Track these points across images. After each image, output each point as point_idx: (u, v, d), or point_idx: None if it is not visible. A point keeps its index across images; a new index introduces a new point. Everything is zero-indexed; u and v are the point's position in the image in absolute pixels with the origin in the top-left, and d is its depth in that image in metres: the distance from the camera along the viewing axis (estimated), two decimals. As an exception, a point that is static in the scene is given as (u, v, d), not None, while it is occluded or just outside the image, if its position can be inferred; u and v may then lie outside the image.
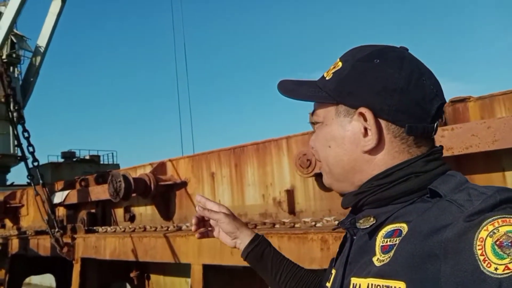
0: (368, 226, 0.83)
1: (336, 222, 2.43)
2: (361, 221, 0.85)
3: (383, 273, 0.75)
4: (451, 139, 2.08)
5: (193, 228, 1.24)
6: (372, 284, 0.76)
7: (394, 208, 0.82)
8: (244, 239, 1.22)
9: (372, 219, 0.84)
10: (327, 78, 0.91)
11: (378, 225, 0.82)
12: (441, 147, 0.90)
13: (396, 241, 0.77)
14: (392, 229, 0.81)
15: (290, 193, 2.91)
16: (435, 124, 0.86)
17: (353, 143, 0.88)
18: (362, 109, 0.85)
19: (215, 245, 2.72)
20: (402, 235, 0.77)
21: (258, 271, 1.24)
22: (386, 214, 0.82)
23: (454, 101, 2.33)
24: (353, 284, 0.81)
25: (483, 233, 0.65)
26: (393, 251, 0.76)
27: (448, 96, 2.40)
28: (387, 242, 0.80)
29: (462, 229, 0.67)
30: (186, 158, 3.69)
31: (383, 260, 0.77)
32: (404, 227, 0.78)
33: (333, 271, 0.97)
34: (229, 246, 1.25)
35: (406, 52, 0.89)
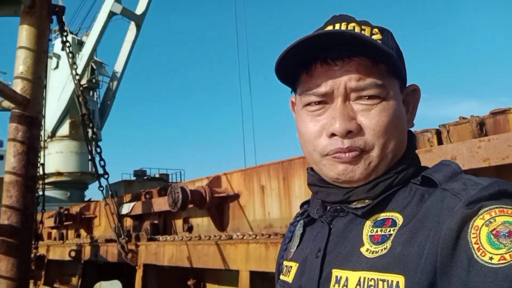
0: (365, 205, 0.78)
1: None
2: (354, 203, 0.79)
3: (378, 265, 0.70)
4: (487, 150, 2.09)
5: None
6: (365, 278, 0.71)
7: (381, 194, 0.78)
8: None
9: (367, 200, 0.78)
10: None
11: (370, 210, 0.77)
12: None
13: (390, 231, 0.73)
14: (383, 218, 0.76)
15: (334, 205, 2.99)
16: None
17: (405, 121, 0.83)
18: (416, 86, 0.86)
19: (261, 253, 2.88)
20: (398, 226, 0.73)
21: None
22: (379, 198, 0.78)
23: (494, 113, 2.33)
24: (337, 276, 0.75)
25: (478, 222, 0.64)
26: (389, 242, 0.72)
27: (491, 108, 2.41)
28: (377, 232, 0.75)
29: (462, 218, 0.65)
30: (239, 172, 3.90)
31: (376, 252, 0.72)
32: (398, 217, 0.74)
33: (292, 264, 0.89)
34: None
35: None
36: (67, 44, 4.43)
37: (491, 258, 0.60)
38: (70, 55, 4.43)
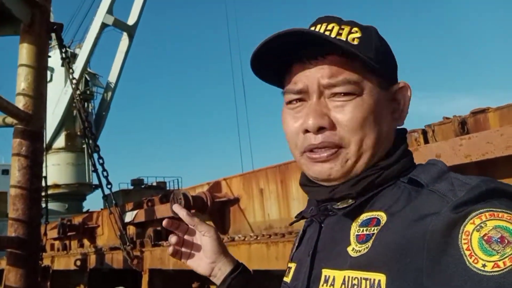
0: (346, 205, 0.77)
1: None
2: (338, 203, 0.79)
3: (360, 264, 0.70)
4: (468, 147, 2.27)
5: (173, 239, 1.06)
6: (349, 277, 0.71)
7: (371, 192, 0.78)
8: (225, 265, 1.07)
9: (350, 200, 0.78)
10: (351, 42, 0.79)
11: (355, 209, 0.77)
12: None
13: (373, 230, 0.73)
14: (369, 217, 0.76)
15: (330, 205, 3.17)
16: None
17: (391, 119, 0.83)
18: (405, 84, 0.85)
19: (262, 253, 3.03)
20: (381, 225, 0.73)
21: None
22: (364, 196, 0.77)
23: (474, 112, 2.51)
24: (326, 276, 0.76)
25: (469, 227, 0.62)
26: (371, 241, 0.72)
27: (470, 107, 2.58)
28: (363, 231, 0.75)
29: (448, 221, 0.63)
30: (238, 176, 4.06)
31: (359, 251, 0.72)
32: (382, 215, 0.74)
33: (292, 265, 0.91)
34: (202, 274, 1.08)
35: None
36: (67, 60, 4.58)
37: (484, 266, 0.58)
38: (71, 70, 4.58)
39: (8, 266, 4.47)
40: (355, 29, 0.80)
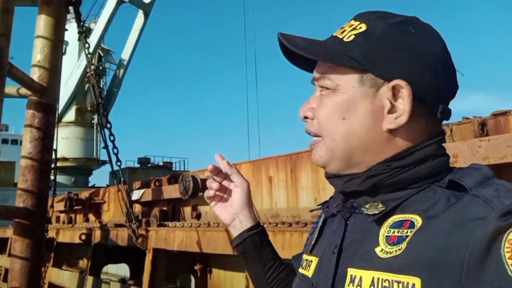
0: (377, 212, 0.75)
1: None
2: (367, 206, 0.77)
3: (392, 266, 0.68)
4: (487, 149, 2.22)
5: (214, 185, 1.09)
6: (378, 279, 0.69)
7: (403, 195, 0.75)
8: (245, 220, 1.10)
9: (380, 204, 0.76)
10: (345, 40, 0.79)
11: (386, 212, 0.75)
12: (444, 130, 0.83)
13: (407, 232, 0.71)
14: (401, 219, 0.74)
15: (340, 197, 3.14)
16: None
17: (376, 118, 0.78)
18: (399, 82, 0.76)
19: (269, 240, 3.03)
20: (416, 227, 0.70)
21: (248, 260, 1.10)
22: (395, 201, 0.75)
23: (496, 114, 2.46)
24: (352, 275, 0.74)
25: None
26: (404, 243, 0.69)
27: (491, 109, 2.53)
28: (394, 232, 0.73)
29: (494, 229, 0.61)
30: (247, 162, 4.04)
31: (390, 252, 0.70)
32: (417, 219, 0.71)
33: (313, 258, 0.88)
34: (223, 222, 1.13)
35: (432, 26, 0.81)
36: (84, 34, 4.56)
37: None
38: (87, 45, 4.56)
39: (15, 235, 4.53)
40: (362, 24, 0.80)
